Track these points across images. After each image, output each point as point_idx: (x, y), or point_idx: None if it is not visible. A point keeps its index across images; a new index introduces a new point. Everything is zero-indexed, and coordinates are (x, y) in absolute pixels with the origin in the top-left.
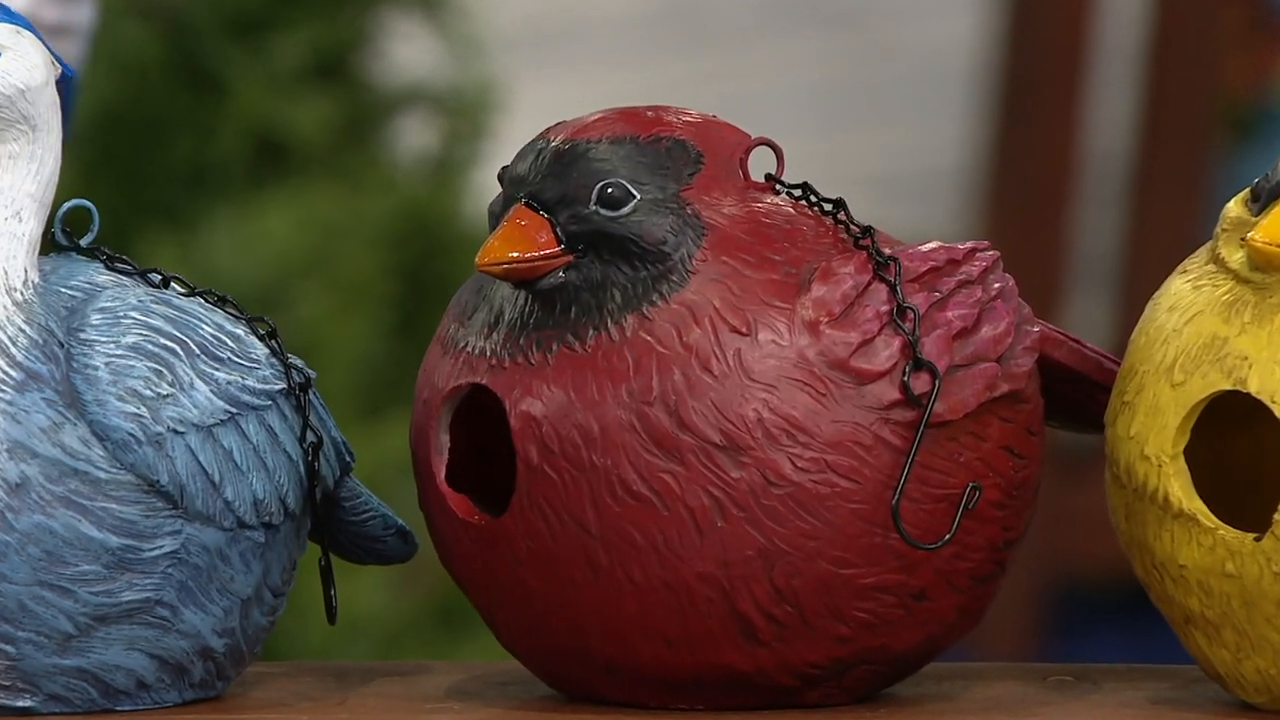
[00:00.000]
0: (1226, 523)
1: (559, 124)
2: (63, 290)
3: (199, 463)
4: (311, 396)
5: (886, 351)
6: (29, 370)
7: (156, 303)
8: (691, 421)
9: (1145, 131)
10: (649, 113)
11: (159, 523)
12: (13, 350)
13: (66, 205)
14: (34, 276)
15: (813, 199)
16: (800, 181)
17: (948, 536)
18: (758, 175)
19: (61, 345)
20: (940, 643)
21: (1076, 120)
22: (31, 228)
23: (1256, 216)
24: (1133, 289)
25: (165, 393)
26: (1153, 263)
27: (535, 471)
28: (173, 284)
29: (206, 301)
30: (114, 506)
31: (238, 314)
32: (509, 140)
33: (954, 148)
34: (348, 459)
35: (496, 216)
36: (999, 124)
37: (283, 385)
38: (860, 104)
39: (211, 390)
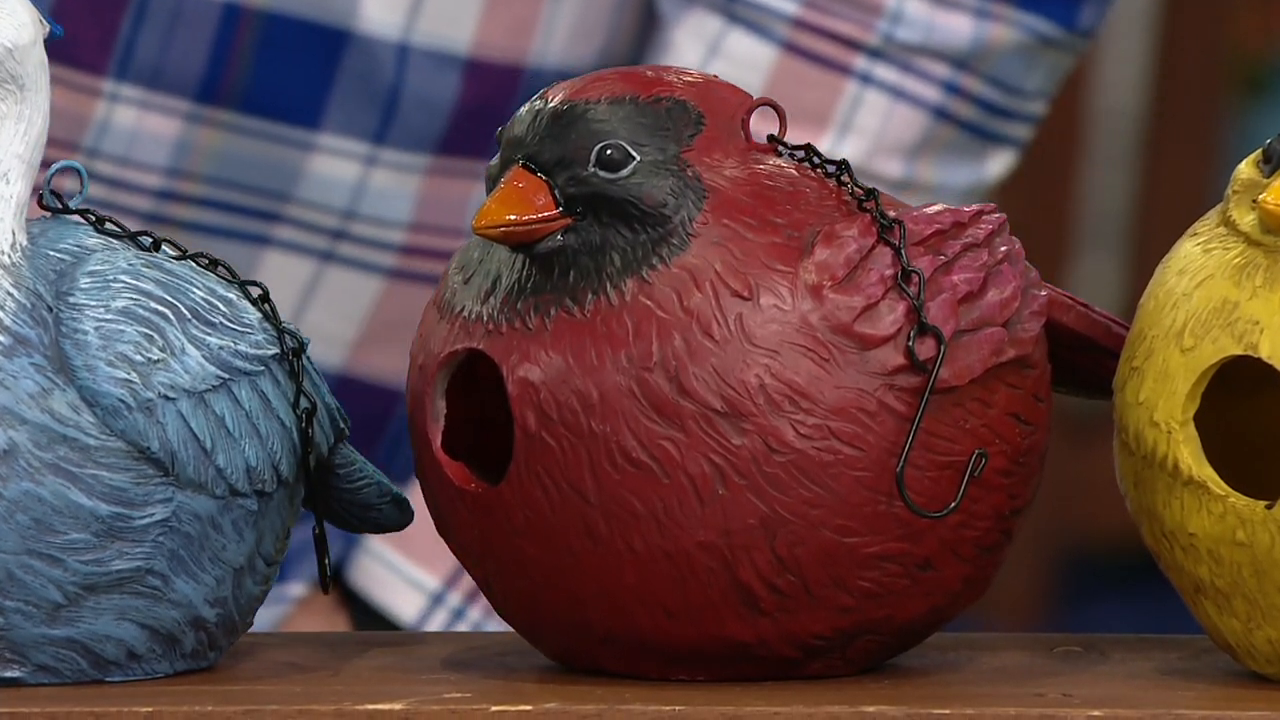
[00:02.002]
0: (1237, 490)
1: (556, 84)
2: (51, 253)
3: (190, 429)
4: (305, 361)
5: (891, 316)
6: (17, 335)
7: (147, 266)
8: (692, 387)
9: (1156, 89)
10: (649, 73)
11: (150, 490)
12: (0, 315)
13: (55, 166)
14: (22, 239)
15: (816, 161)
16: (803, 143)
17: (953, 505)
18: (759, 136)
19: (50, 309)
20: (945, 613)
21: (1085, 77)
22: (19, 190)
23: (1268, 178)
24: (1143, 250)
25: (156, 358)
26: (1163, 223)
27: (533, 439)
28: (164, 247)
29: (198, 265)
30: (104, 474)
31: (230, 278)
32: None
33: None
34: (342, 425)
35: (494, 179)
36: None
37: (276, 350)
38: None
39: (203, 355)
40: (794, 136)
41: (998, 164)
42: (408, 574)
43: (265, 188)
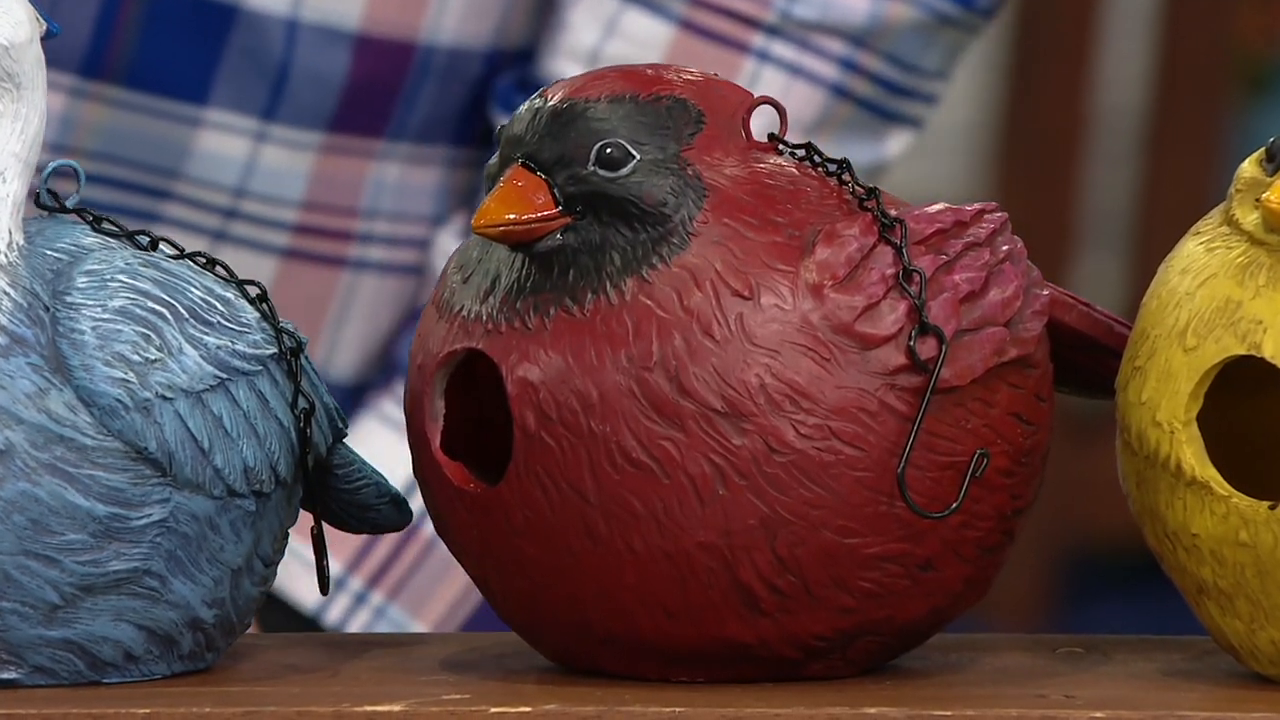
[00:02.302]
0: (1240, 491)
1: (556, 82)
2: (48, 253)
3: (188, 429)
4: (303, 361)
5: (892, 316)
6: (13, 334)
7: (144, 265)
8: (692, 387)
9: (1158, 87)
10: (649, 71)
11: (147, 491)
12: None
13: (51, 165)
14: (18, 238)
15: (816, 159)
16: (804, 141)
17: (954, 505)
18: (760, 135)
19: (47, 309)
20: (947, 613)
21: (1088, 75)
22: (15, 189)
23: (1271, 177)
24: (1145, 249)
25: (153, 358)
26: (1165, 222)
27: (532, 439)
28: (161, 246)
29: (195, 264)
30: (101, 474)
31: (228, 277)
32: None
33: (961, 103)
34: (340, 425)
35: (493, 178)
36: (1008, 78)
37: (274, 350)
38: None
39: (201, 355)
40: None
41: (897, 143)
42: (308, 559)
43: (153, 164)
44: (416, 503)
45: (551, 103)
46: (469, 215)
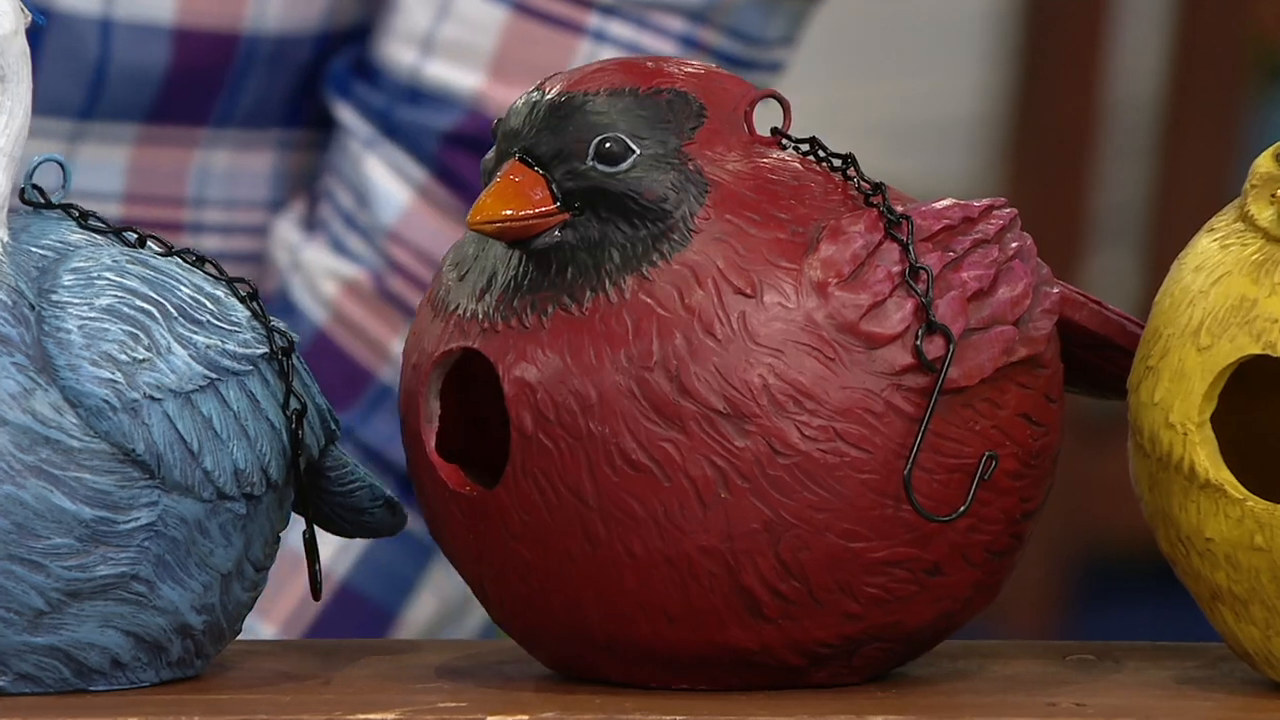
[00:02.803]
0: (1255, 493)
1: (554, 75)
2: (33, 250)
3: (177, 431)
4: (295, 361)
5: (898, 314)
6: None
7: (132, 263)
8: (693, 388)
9: (1174, 78)
10: (649, 64)
11: (135, 494)
12: None
13: (37, 160)
14: (3, 235)
15: (821, 154)
16: (808, 135)
17: (962, 508)
18: (763, 129)
19: (32, 307)
20: (955, 619)
21: (1101, 66)
22: (0, 184)
23: None
24: (1160, 245)
25: (141, 357)
26: (1181, 218)
27: (530, 440)
28: (149, 243)
29: (184, 261)
30: (87, 477)
31: (217, 274)
32: None
33: (970, 94)
34: (333, 427)
35: (489, 173)
36: (1018, 69)
37: (265, 349)
38: (870, 49)
39: (190, 355)
40: None
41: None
42: None
43: None
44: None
45: (549, 96)
46: (308, 200)
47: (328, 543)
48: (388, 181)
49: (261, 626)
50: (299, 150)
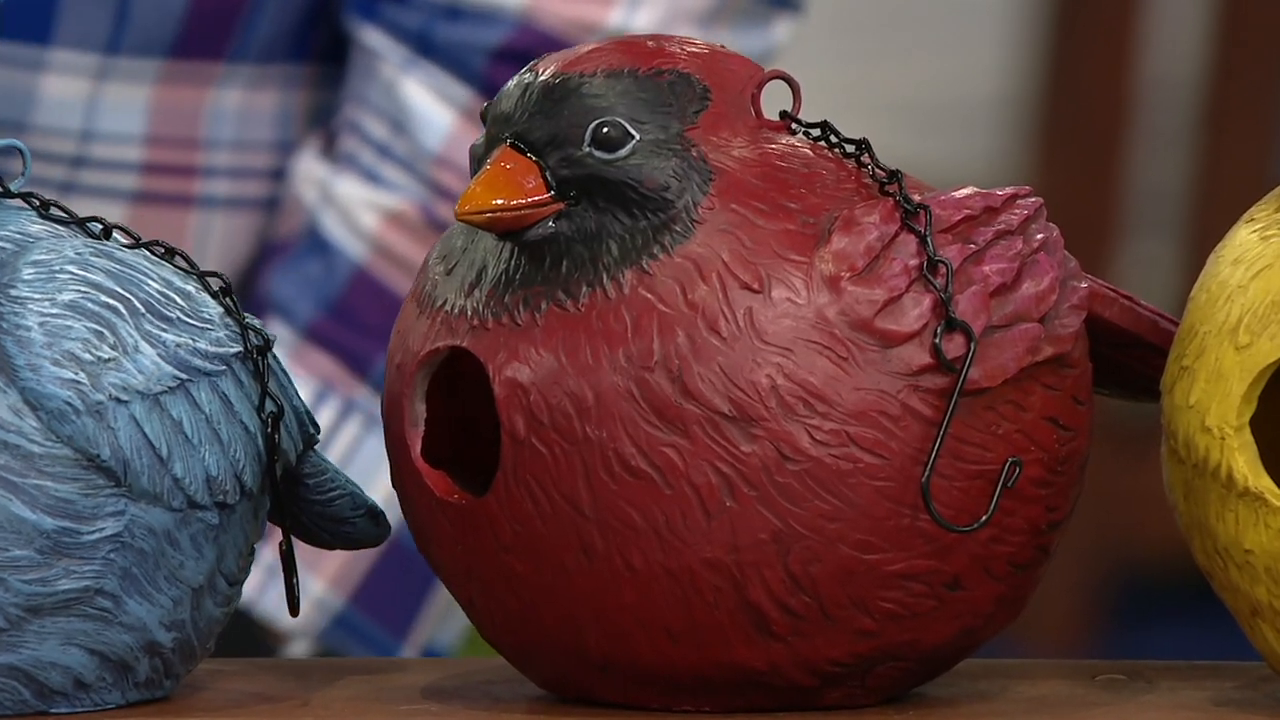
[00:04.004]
0: None
1: (548, 56)
2: None
3: (144, 435)
4: (271, 360)
5: (916, 310)
6: None
7: (96, 255)
8: (697, 389)
9: (1215, 56)
10: (649, 43)
11: (100, 502)
12: None
13: None
14: None
15: (833, 139)
16: (819, 120)
17: (985, 518)
18: (771, 113)
19: None
20: (976, 636)
21: (1136, 42)
22: None
23: None
24: (1200, 237)
25: (107, 356)
26: (1222, 207)
27: (522, 445)
28: (115, 234)
29: (153, 254)
30: (49, 484)
31: (188, 268)
32: None
33: (995, 73)
34: (311, 431)
35: (479, 159)
36: (1047, 46)
37: (239, 348)
38: (886, 24)
39: (158, 354)
40: (582, 9)
41: (781, 29)
42: None
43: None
44: (395, 515)
45: (543, 78)
46: (324, 135)
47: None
48: (429, 104)
49: (311, 580)
50: (305, 88)
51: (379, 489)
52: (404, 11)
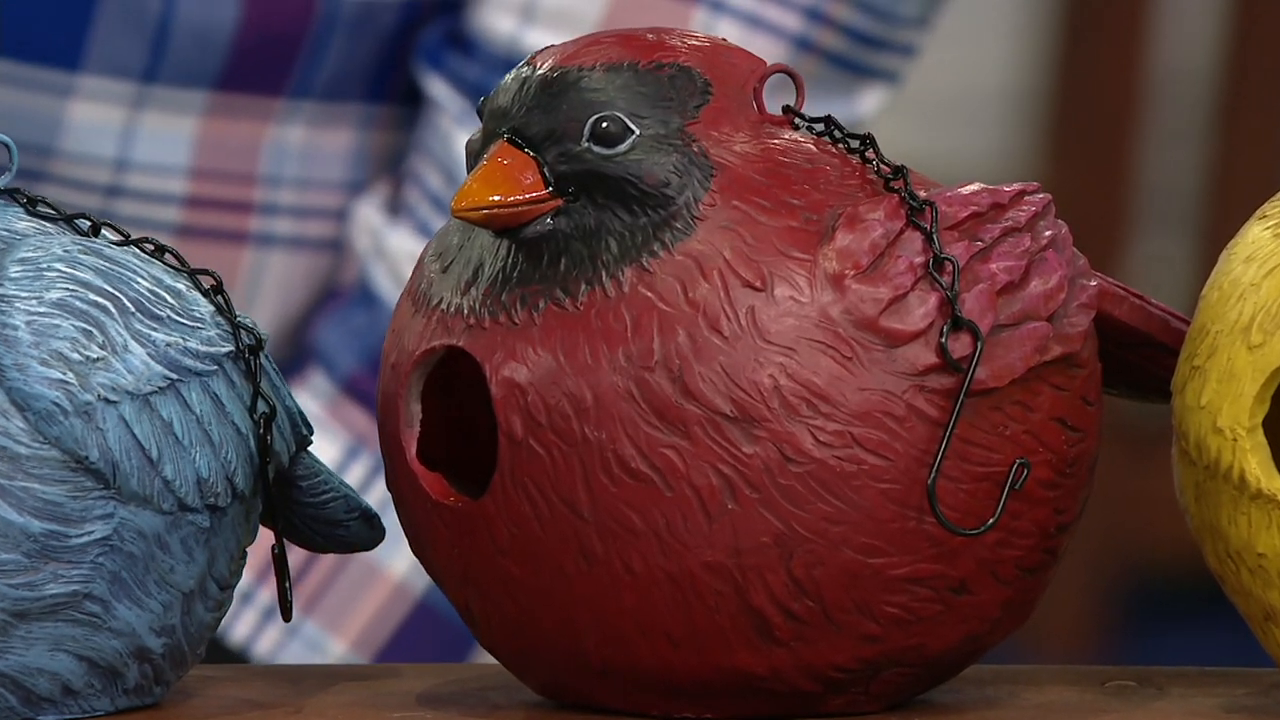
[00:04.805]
0: None
1: (546, 49)
2: None
3: (134, 436)
4: (263, 360)
5: (921, 309)
6: None
7: (85, 253)
8: (698, 389)
9: (1230, 49)
10: (649, 36)
11: (88, 505)
12: None
13: None
14: None
15: (837, 134)
16: (823, 115)
17: (991, 521)
18: (774, 107)
19: None
20: (982, 642)
21: (1149, 34)
22: None
23: None
24: (1213, 232)
25: (95, 356)
26: (1237, 202)
27: (519, 446)
28: (104, 231)
29: (143, 251)
30: (36, 486)
31: (179, 266)
32: None
33: (1002, 66)
34: (304, 432)
35: (475, 155)
36: (1058, 38)
37: (230, 348)
38: None
39: (148, 353)
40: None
41: (870, 101)
42: None
43: (23, 142)
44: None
45: (540, 71)
46: (393, 183)
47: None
48: None
49: (331, 642)
50: (382, 129)
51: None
52: (467, 63)
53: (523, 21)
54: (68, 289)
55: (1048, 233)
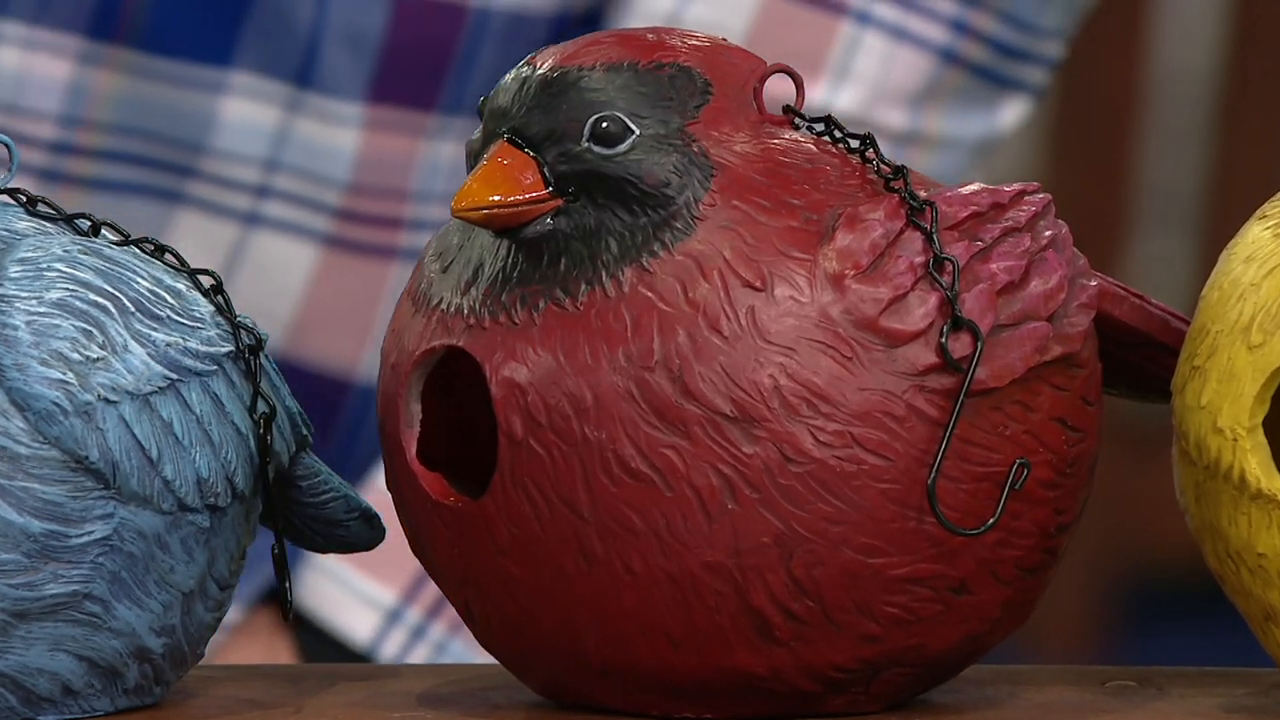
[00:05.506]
0: None
1: (545, 49)
2: None
3: (134, 436)
4: (263, 360)
5: (921, 309)
6: None
7: (85, 253)
8: (698, 389)
9: (1231, 48)
10: (649, 36)
11: (88, 505)
12: None
13: None
14: None
15: (837, 134)
16: (823, 114)
17: (991, 521)
18: (774, 107)
19: None
20: (983, 642)
21: (1149, 34)
22: None
23: None
24: (1214, 232)
25: (95, 356)
26: (1237, 203)
27: (519, 446)
28: (104, 231)
29: (142, 251)
30: (36, 486)
31: (179, 266)
32: None
33: None
34: (304, 432)
35: (475, 155)
36: None
37: (230, 348)
38: None
39: (148, 353)
40: (784, 85)
41: (1011, 112)
42: (359, 589)
43: (175, 138)
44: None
45: (540, 71)
46: None
47: None
48: None
49: (381, 592)
50: None
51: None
52: None
53: None
54: (68, 289)
55: (1048, 233)
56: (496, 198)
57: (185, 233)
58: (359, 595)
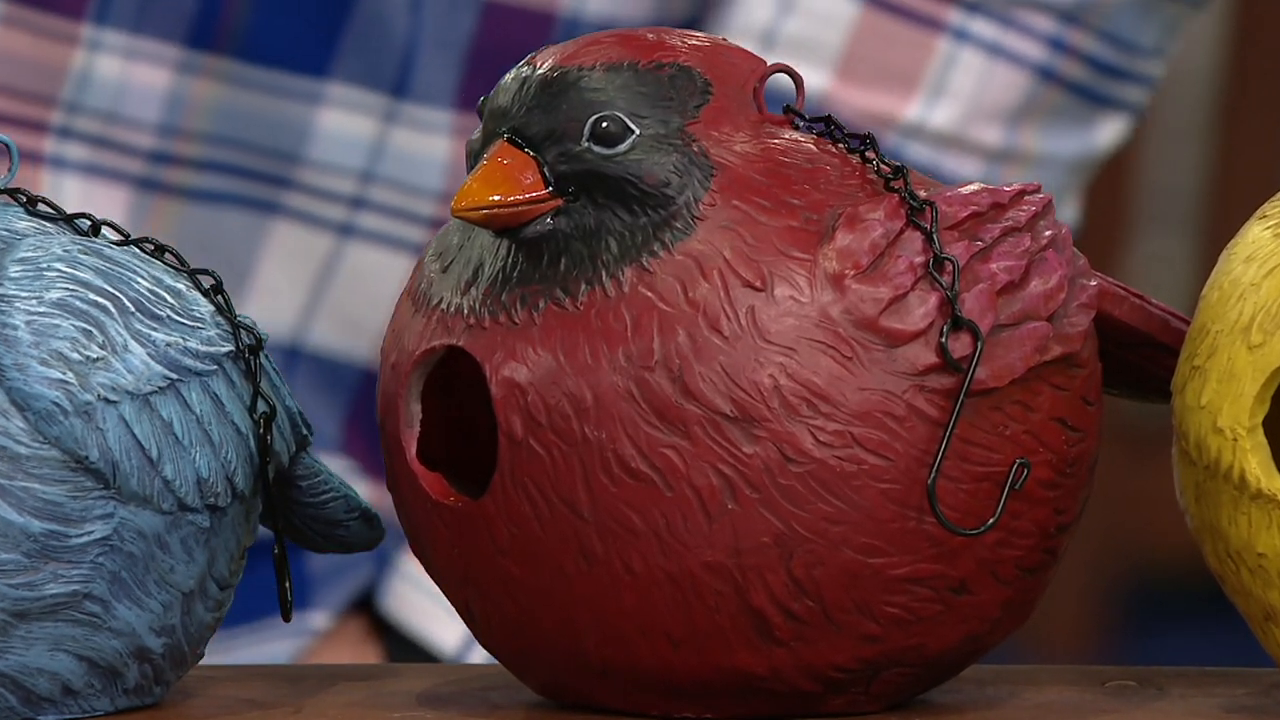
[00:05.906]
0: None
1: (545, 49)
2: None
3: (134, 436)
4: (263, 360)
5: (921, 309)
6: None
7: (85, 253)
8: (698, 389)
9: (1229, 51)
10: (649, 36)
11: (88, 505)
12: None
13: None
14: None
15: (837, 134)
16: (823, 114)
17: (991, 521)
18: (774, 107)
19: None
20: (983, 642)
21: None
22: None
23: None
24: (1215, 232)
25: (95, 356)
26: (1238, 203)
27: (519, 446)
28: (104, 231)
29: (143, 251)
30: (36, 486)
31: (179, 266)
32: None
33: None
34: (304, 432)
35: (475, 155)
36: None
37: (230, 347)
38: None
39: (148, 353)
40: (879, 101)
41: (1108, 131)
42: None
43: (272, 148)
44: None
45: (540, 71)
46: None
47: None
48: None
49: (442, 635)
50: None
51: None
52: None
53: (763, 48)
54: (68, 289)
55: (1048, 232)
56: (496, 197)
57: (280, 244)
58: (446, 604)
